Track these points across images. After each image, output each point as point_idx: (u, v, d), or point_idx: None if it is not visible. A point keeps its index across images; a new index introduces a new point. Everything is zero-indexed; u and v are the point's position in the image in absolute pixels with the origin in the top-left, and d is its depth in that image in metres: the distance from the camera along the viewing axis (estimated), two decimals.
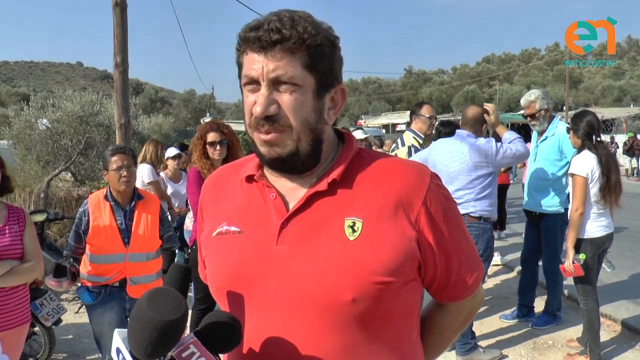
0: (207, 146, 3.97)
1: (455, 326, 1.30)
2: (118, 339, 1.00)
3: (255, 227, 1.13)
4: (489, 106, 4.36)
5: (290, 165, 1.10)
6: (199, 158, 3.98)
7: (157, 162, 6.13)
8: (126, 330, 0.98)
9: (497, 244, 7.49)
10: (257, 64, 1.04)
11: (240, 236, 1.14)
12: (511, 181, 8.60)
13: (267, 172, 1.17)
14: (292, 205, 1.11)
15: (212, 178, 1.33)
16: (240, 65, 1.10)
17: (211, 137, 3.96)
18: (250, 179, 1.18)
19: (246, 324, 1.09)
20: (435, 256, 1.12)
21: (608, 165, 3.81)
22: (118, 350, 0.99)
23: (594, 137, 3.90)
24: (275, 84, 1.04)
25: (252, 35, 1.04)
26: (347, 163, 1.12)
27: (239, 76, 1.11)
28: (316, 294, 1.04)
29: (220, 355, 1.03)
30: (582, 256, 3.90)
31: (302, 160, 1.09)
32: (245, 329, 1.08)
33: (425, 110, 4.85)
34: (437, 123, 5.33)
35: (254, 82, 1.06)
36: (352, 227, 1.06)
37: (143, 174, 5.79)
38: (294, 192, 1.13)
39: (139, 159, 6.01)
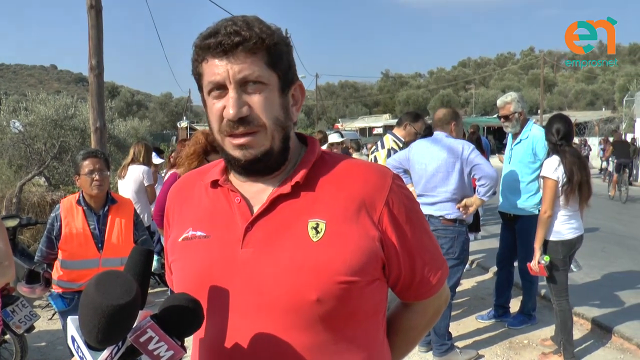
0: (207, 160, 3.74)
1: (422, 325, 1.32)
2: (72, 327, 0.96)
3: (220, 231, 1.13)
4: (464, 205, 4.17)
5: (263, 165, 1.11)
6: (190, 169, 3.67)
7: (149, 165, 6.08)
8: None
9: (473, 245, 7.60)
10: (221, 68, 1.05)
11: (206, 240, 1.14)
12: None
13: (232, 177, 1.19)
14: (257, 208, 1.12)
15: (177, 185, 1.33)
16: (199, 75, 1.11)
17: (213, 157, 3.77)
18: (215, 184, 1.19)
19: (212, 327, 1.09)
20: (398, 256, 1.13)
21: (571, 167, 3.87)
22: (73, 339, 0.96)
23: (559, 141, 3.97)
24: (242, 85, 1.05)
25: (212, 41, 1.04)
26: (309, 166, 1.14)
27: (199, 87, 1.12)
28: (281, 295, 1.04)
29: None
30: (546, 258, 3.99)
31: (275, 159, 1.11)
32: (211, 331, 1.08)
33: (419, 126, 5.05)
34: None
35: (220, 87, 1.07)
36: (315, 228, 1.07)
37: (144, 175, 5.73)
38: (258, 195, 1.14)
39: (128, 160, 5.95)
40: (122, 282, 0.91)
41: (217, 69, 1.05)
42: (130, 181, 5.78)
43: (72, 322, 0.96)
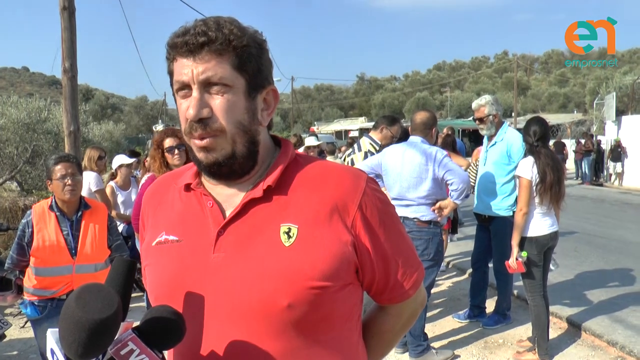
0: (166, 153, 3.87)
1: (397, 328, 1.31)
2: (52, 340, 0.95)
3: (193, 236, 1.12)
4: (438, 208, 4.22)
5: (228, 169, 1.10)
6: (159, 168, 3.88)
7: (99, 170, 6.01)
8: None
9: (449, 247, 7.68)
10: (187, 68, 1.05)
11: (178, 245, 1.13)
12: None
13: (205, 180, 1.18)
14: (229, 212, 1.11)
15: (152, 188, 1.32)
16: (171, 74, 1.11)
17: (168, 142, 3.88)
18: (187, 187, 1.18)
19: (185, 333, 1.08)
20: (372, 260, 1.12)
21: (544, 168, 3.99)
22: (52, 352, 0.95)
23: (535, 143, 4.09)
24: (206, 86, 1.05)
25: (180, 40, 1.05)
26: (282, 169, 1.13)
27: (171, 85, 1.12)
28: (252, 300, 1.04)
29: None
30: (524, 254, 4.10)
31: (239, 163, 1.10)
32: (184, 337, 1.07)
33: (395, 130, 5.09)
34: None
35: (186, 86, 1.07)
36: (287, 233, 1.06)
37: (90, 181, 5.65)
38: (230, 199, 1.13)
39: (83, 166, 5.86)
40: (103, 295, 0.90)
41: (183, 68, 1.05)
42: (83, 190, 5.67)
43: (51, 335, 0.95)
